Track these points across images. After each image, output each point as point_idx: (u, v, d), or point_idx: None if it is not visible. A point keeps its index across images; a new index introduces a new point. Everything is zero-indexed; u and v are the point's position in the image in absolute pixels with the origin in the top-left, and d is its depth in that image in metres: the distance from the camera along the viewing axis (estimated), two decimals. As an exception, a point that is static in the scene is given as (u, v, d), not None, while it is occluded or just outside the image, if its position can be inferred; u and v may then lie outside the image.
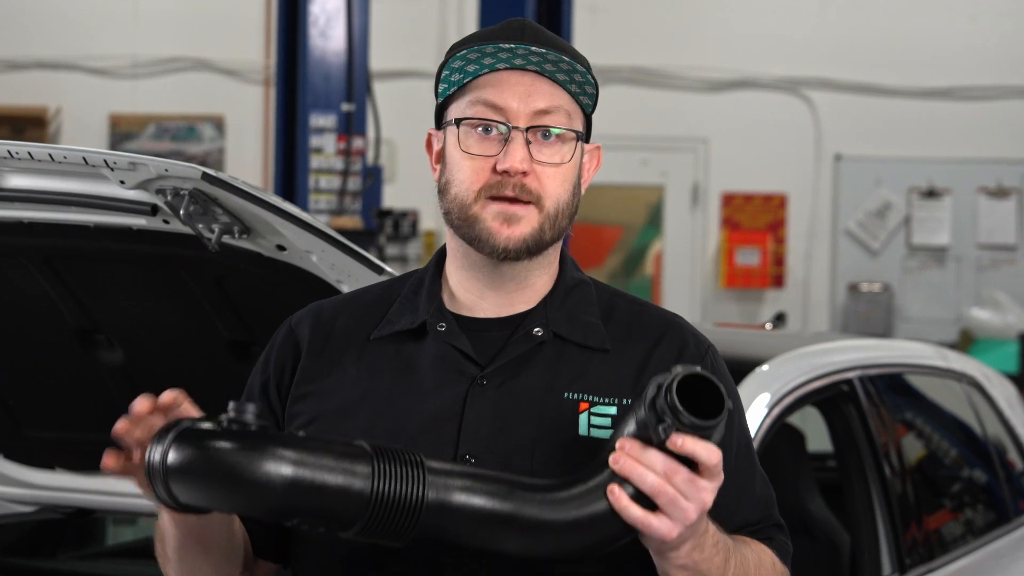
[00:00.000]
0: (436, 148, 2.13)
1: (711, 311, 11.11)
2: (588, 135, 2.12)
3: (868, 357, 3.98)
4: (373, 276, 2.60)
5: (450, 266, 2.13)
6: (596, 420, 2.03)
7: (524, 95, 2.04)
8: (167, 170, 2.55)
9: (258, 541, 2.14)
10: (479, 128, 2.05)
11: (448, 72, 2.08)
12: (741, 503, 2.08)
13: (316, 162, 7.38)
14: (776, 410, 3.38)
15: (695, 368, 1.86)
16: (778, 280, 11.13)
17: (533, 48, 2.03)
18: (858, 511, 3.64)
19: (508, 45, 2.03)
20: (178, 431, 1.87)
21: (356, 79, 7.35)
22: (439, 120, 2.13)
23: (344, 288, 2.66)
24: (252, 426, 1.87)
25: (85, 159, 2.59)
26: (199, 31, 11.08)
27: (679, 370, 1.85)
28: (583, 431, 2.03)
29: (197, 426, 1.87)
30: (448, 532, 1.91)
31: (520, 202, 2.03)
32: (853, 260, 11.10)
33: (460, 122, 2.06)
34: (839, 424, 3.75)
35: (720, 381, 1.90)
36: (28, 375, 3.32)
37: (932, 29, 10.91)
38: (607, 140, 2.21)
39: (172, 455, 1.85)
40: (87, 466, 3.49)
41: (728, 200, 11.17)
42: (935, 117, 10.92)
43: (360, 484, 1.86)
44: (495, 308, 2.10)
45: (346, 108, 7.35)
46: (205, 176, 2.51)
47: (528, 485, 1.92)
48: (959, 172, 10.93)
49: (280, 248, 2.71)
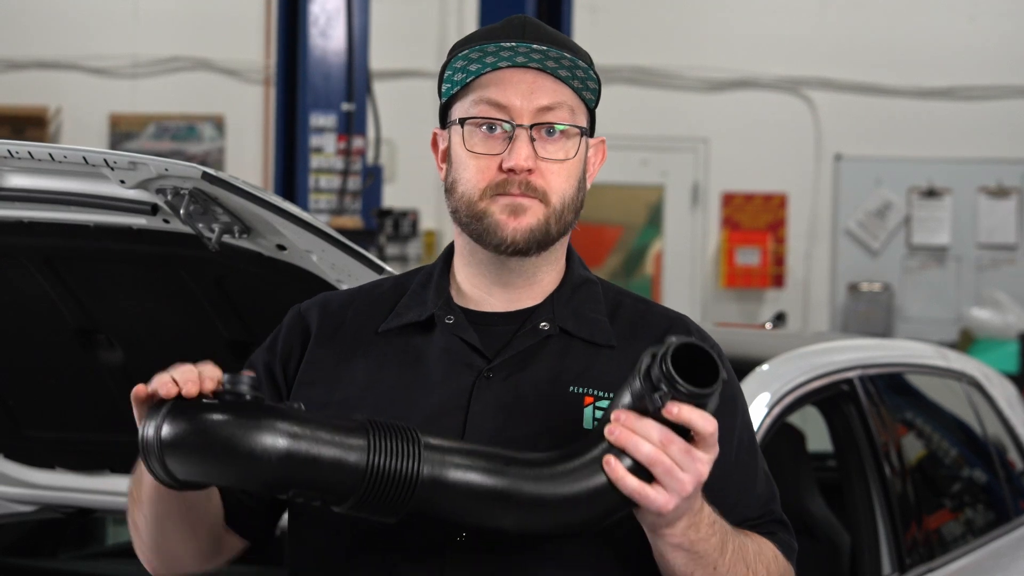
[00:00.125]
0: (442, 147, 2.14)
1: (711, 311, 11.10)
2: (592, 129, 2.13)
3: (868, 357, 3.98)
4: (373, 276, 2.60)
5: (458, 263, 2.15)
6: (601, 414, 2.02)
7: (527, 92, 2.05)
8: (167, 169, 2.55)
9: (235, 513, 2.12)
10: (483, 127, 2.06)
11: (451, 72, 2.09)
12: (742, 497, 2.08)
13: (316, 162, 7.38)
14: (776, 410, 3.38)
15: (690, 338, 1.85)
16: (778, 280, 11.13)
17: (534, 46, 2.04)
18: (858, 511, 3.64)
19: (509, 44, 2.04)
20: (172, 404, 1.85)
21: (356, 79, 7.35)
22: (443, 119, 2.13)
23: (344, 288, 2.66)
24: (247, 396, 1.85)
25: (85, 159, 2.58)
26: (199, 31, 11.08)
27: (673, 340, 1.84)
28: (588, 424, 2.03)
29: (189, 401, 1.85)
30: (443, 508, 1.89)
31: (527, 198, 2.04)
32: (853, 260, 11.09)
33: (464, 121, 2.07)
34: (839, 424, 3.75)
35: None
36: (28, 375, 3.32)
37: (932, 29, 10.91)
38: (607, 140, 2.21)
39: (166, 429, 1.83)
40: (87, 466, 3.49)
41: (728, 200, 11.17)
42: (935, 117, 10.91)
43: (355, 457, 1.84)
44: (503, 304, 2.11)
45: (346, 108, 7.35)
46: (205, 176, 2.51)
47: (524, 460, 1.91)
48: (959, 172, 10.93)
49: (280, 248, 2.71)
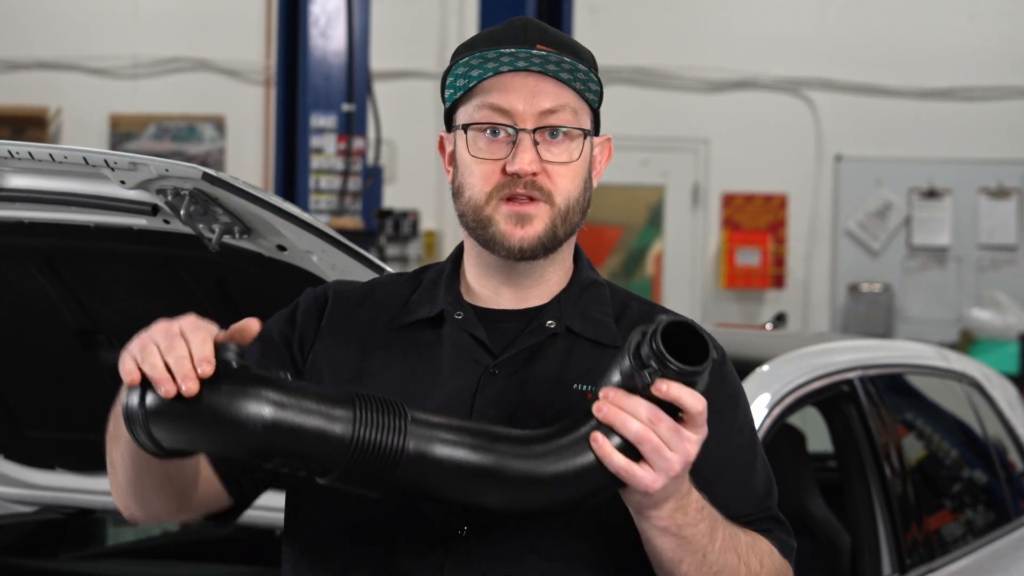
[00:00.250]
0: (448, 150, 2.15)
1: (711, 311, 11.10)
2: (597, 128, 2.14)
3: (868, 357, 3.98)
4: (373, 276, 2.59)
5: (467, 262, 2.16)
6: None
7: (529, 96, 2.06)
8: (168, 170, 2.55)
9: (227, 468, 2.09)
10: (487, 131, 2.07)
11: (452, 78, 2.10)
12: (737, 494, 2.07)
13: (316, 162, 7.38)
14: (776, 410, 3.38)
15: (680, 316, 1.85)
16: (778, 280, 11.12)
17: (533, 51, 2.05)
18: (858, 511, 3.64)
19: (509, 50, 2.05)
20: None
21: (356, 79, 7.35)
22: (448, 123, 2.15)
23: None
24: (233, 364, 1.84)
25: (86, 159, 2.58)
26: (199, 31, 11.08)
27: (663, 318, 1.83)
28: None
29: None
30: (428, 484, 1.87)
31: (532, 200, 2.06)
32: (853, 260, 11.09)
33: (468, 127, 2.08)
34: (839, 424, 3.75)
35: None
36: (28, 375, 3.33)
37: (932, 29, 10.91)
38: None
39: (151, 397, 1.81)
40: (87, 466, 3.50)
41: (728, 200, 11.17)
42: (935, 117, 10.91)
43: (341, 429, 1.82)
44: (511, 302, 2.13)
45: (346, 108, 7.35)
46: (206, 176, 2.51)
47: (511, 437, 1.90)
48: (959, 172, 10.93)
49: (281, 248, 2.71)
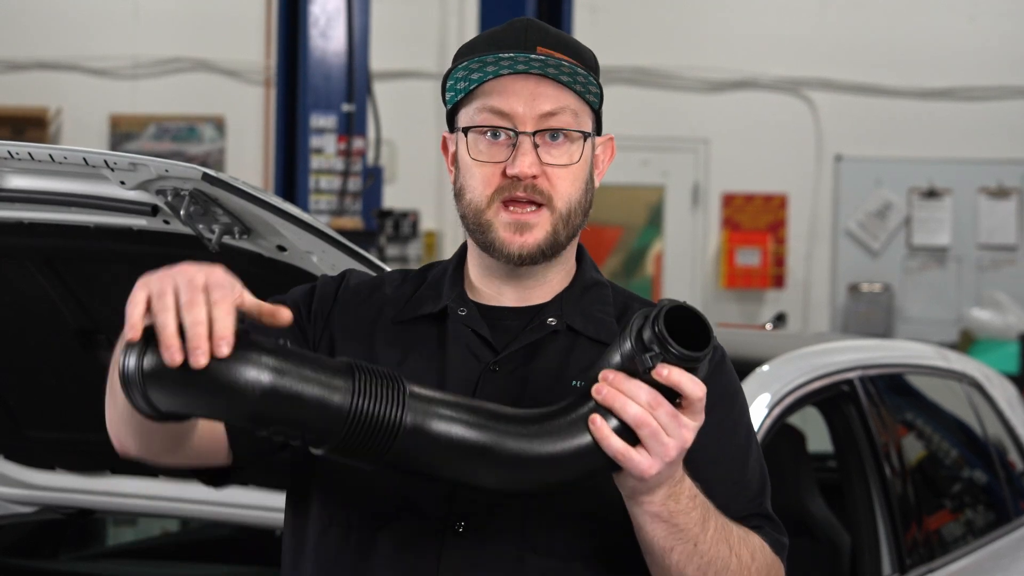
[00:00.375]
0: (451, 150, 2.16)
1: (711, 311, 11.10)
2: (599, 128, 2.14)
3: (868, 357, 3.98)
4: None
5: (471, 261, 2.17)
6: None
7: (529, 99, 2.06)
8: (167, 171, 2.55)
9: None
10: (487, 134, 2.08)
11: (453, 81, 2.10)
12: (730, 489, 2.07)
13: (316, 163, 7.38)
14: (776, 410, 3.38)
15: (682, 301, 1.84)
16: (778, 280, 11.13)
17: (532, 56, 2.05)
18: (858, 511, 3.64)
19: (508, 55, 2.05)
20: (152, 335, 1.80)
21: (356, 79, 7.35)
22: (451, 124, 2.15)
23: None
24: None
25: (85, 160, 2.59)
26: (199, 31, 11.08)
27: (666, 302, 1.83)
28: None
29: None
30: (423, 460, 1.86)
31: (532, 204, 2.06)
32: (853, 260, 11.09)
33: (468, 130, 2.09)
34: (839, 424, 3.75)
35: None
36: (29, 375, 3.33)
37: (932, 29, 10.91)
38: (608, 140, 2.22)
39: (149, 360, 1.79)
40: (87, 466, 3.50)
41: (728, 200, 11.17)
42: (935, 117, 10.91)
43: (338, 399, 1.81)
44: (513, 300, 2.14)
45: (346, 108, 7.35)
46: (205, 176, 2.51)
47: (509, 416, 1.89)
48: (959, 172, 10.93)
49: (281, 249, 2.71)
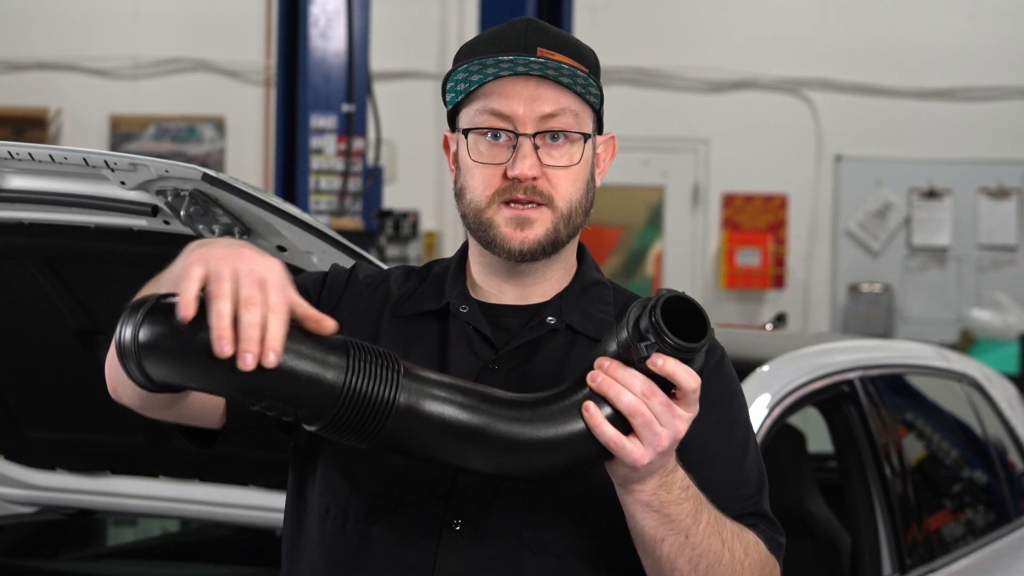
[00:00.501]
0: (452, 150, 2.16)
1: (711, 312, 10.94)
2: (600, 127, 2.15)
3: (869, 358, 3.98)
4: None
5: (472, 259, 2.17)
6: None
7: (529, 101, 2.06)
8: (168, 171, 2.55)
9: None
10: (488, 135, 2.08)
11: (453, 82, 2.10)
12: (726, 487, 2.07)
13: (316, 163, 7.38)
14: (777, 411, 3.38)
15: (680, 292, 1.84)
16: (778, 281, 11.13)
17: (532, 59, 2.05)
18: (859, 511, 3.64)
19: (508, 57, 2.05)
20: (150, 306, 1.81)
21: (356, 80, 7.35)
22: (452, 124, 2.15)
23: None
24: None
25: (86, 160, 2.59)
26: (199, 31, 11.08)
27: (664, 292, 1.83)
28: None
29: (169, 301, 1.81)
30: (415, 440, 1.86)
31: (533, 203, 2.06)
32: (853, 261, 11.09)
33: (468, 132, 2.09)
34: (840, 424, 3.75)
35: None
36: (29, 375, 3.33)
37: (932, 29, 10.91)
38: (609, 140, 2.22)
39: (144, 331, 1.79)
40: (87, 467, 3.50)
41: (728, 201, 11.17)
42: (935, 117, 10.91)
43: (333, 375, 1.80)
44: (514, 298, 2.14)
45: (346, 109, 7.35)
46: (206, 177, 2.51)
47: (503, 400, 1.89)
48: (959, 172, 10.93)
49: (281, 249, 2.71)
